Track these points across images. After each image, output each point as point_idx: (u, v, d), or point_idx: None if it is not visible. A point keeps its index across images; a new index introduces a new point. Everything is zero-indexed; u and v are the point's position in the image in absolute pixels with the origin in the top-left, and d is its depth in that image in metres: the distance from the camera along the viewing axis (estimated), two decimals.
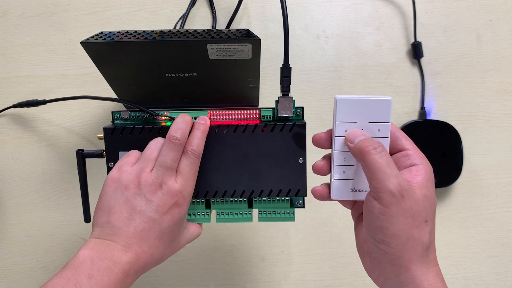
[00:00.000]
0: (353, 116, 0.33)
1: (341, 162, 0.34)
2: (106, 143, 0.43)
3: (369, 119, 0.33)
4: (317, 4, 0.61)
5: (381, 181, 0.30)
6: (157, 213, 0.36)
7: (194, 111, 0.46)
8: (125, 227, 0.35)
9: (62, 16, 0.61)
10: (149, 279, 0.54)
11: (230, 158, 0.42)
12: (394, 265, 0.31)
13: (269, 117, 0.44)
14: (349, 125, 0.34)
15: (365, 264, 0.35)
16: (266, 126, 0.42)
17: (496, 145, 0.58)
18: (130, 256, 0.35)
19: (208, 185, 0.43)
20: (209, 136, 0.42)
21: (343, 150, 0.34)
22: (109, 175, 0.39)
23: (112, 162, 0.43)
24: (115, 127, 0.43)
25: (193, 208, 0.44)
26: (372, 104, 0.33)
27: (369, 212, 0.31)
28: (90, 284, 0.32)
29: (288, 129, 0.42)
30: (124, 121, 0.45)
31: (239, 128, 0.42)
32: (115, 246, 0.34)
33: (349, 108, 0.33)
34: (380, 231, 0.30)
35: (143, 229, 0.35)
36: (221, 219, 0.44)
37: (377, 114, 0.33)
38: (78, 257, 0.34)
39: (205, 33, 0.40)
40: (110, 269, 0.33)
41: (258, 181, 0.43)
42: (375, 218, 0.31)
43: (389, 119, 0.33)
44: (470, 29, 0.60)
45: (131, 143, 0.43)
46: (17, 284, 0.54)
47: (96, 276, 0.32)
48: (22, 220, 0.56)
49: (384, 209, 0.30)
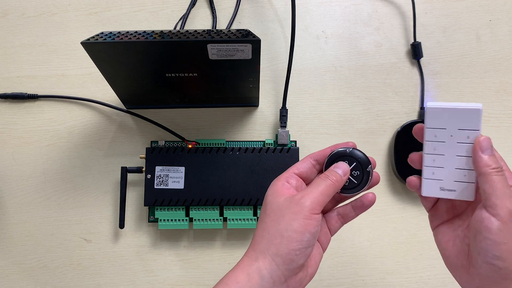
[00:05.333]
0: (442, 123, 0.35)
1: (431, 164, 0.36)
2: (146, 159, 0.53)
3: (458, 126, 0.34)
4: (317, 4, 0.61)
5: (501, 199, 0.31)
6: None
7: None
8: None
9: (62, 17, 0.61)
10: (149, 279, 0.54)
11: (241, 173, 0.53)
12: (506, 279, 0.32)
13: (271, 144, 0.56)
14: (438, 132, 0.35)
15: (459, 276, 0.35)
16: (269, 149, 0.54)
17: (495, 145, 0.57)
18: None
19: (222, 194, 0.53)
20: (226, 156, 0.53)
21: (433, 153, 0.36)
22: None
23: (149, 174, 0.53)
24: (155, 147, 0.54)
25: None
26: (461, 112, 0.34)
27: (485, 227, 0.32)
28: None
29: (285, 151, 0.54)
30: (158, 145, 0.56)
31: (249, 150, 0.54)
32: None
33: (438, 116, 0.35)
34: (497, 247, 0.31)
35: None
36: (232, 224, 0.53)
37: (467, 121, 0.34)
38: None
39: (205, 33, 0.40)
40: None
41: (261, 192, 0.52)
42: (492, 234, 0.31)
43: (478, 127, 0.34)
44: (470, 30, 0.60)
45: (165, 160, 0.53)
46: (18, 284, 0.54)
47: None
48: (22, 220, 0.56)
49: (503, 226, 0.31)
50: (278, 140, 0.56)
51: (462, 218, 0.36)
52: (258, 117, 0.58)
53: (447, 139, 0.35)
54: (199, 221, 0.53)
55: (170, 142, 0.56)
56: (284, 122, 0.56)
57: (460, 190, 0.35)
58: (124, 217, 0.54)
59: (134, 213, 0.56)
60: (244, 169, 0.53)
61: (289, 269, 0.34)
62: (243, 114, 0.58)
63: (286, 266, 0.34)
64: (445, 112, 0.35)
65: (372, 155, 0.58)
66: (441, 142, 0.35)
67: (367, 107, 0.58)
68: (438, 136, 0.35)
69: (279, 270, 0.34)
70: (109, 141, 0.57)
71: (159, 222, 0.53)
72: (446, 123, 0.35)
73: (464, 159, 0.35)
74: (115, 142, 0.57)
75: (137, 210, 0.56)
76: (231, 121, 0.58)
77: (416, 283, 0.54)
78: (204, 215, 0.53)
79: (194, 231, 0.56)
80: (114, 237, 0.55)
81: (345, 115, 0.58)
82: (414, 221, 0.56)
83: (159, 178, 0.53)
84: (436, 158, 0.36)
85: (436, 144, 0.35)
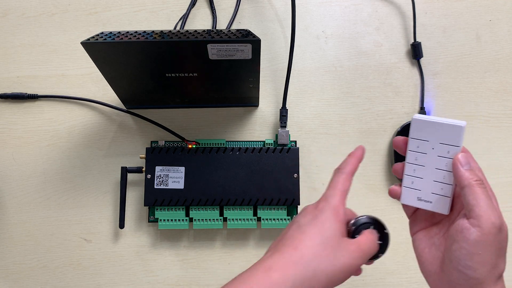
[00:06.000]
0: (426, 135, 0.36)
1: (411, 174, 0.37)
2: (146, 159, 0.53)
3: (440, 140, 0.36)
4: (317, 4, 0.61)
5: (485, 211, 0.32)
6: None
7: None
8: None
9: (62, 17, 0.61)
10: (149, 279, 0.54)
11: (241, 173, 0.53)
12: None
13: (271, 144, 0.56)
14: (421, 143, 0.36)
15: (432, 281, 0.36)
16: (269, 149, 0.54)
17: (495, 145, 0.58)
18: None
19: (222, 194, 0.53)
20: (226, 156, 0.53)
21: (414, 163, 0.37)
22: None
23: (149, 174, 0.53)
24: (155, 147, 0.54)
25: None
26: (444, 127, 0.35)
27: (463, 237, 0.32)
28: None
29: (285, 152, 0.54)
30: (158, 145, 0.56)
31: (249, 150, 0.54)
32: None
33: (422, 128, 0.36)
34: (470, 257, 0.32)
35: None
36: (232, 224, 0.53)
37: (449, 137, 0.35)
38: None
39: (205, 33, 0.40)
40: None
41: (261, 192, 0.53)
42: (468, 244, 0.32)
43: (460, 143, 0.35)
44: (470, 30, 0.60)
45: (165, 160, 0.53)
46: (18, 284, 0.54)
47: None
48: (22, 220, 0.56)
49: (482, 237, 0.32)
50: (278, 140, 0.56)
51: (439, 227, 0.37)
52: (258, 117, 0.58)
53: (428, 151, 0.36)
54: (199, 221, 0.53)
55: (170, 142, 0.56)
56: (284, 122, 0.56)
57: (435, 202, 0.36)
58: (124, 217, 0.54)
59: (134, 213, 0.56)
60: (244, 169, 0.53)
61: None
62: (243, 114, 0.58)
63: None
64: (429, 126, 0.36)
65: (372, 155, 0.58)
66: (422, 154, 0.36)
67: (367, 107, 0.58)
68: (420, 147, 0.36)
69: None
70: (109, 141, 0.57)
71: (159, 222, 0.53)
72: (429, 136, 0.36)
73: (442, 173, 0.36)
74: (115, 142, 0.57)
75: (137, 210, 0.56)
76: (231, 121, 0.58)
77: (416, 283, 0.54)
78: (204, 215, 0.53)
79: (194, 231, 0.56)
80: (114, 237, 0.55)
81: (345, 115, 0.58)
82: None
83: (159, 178, 0.53)
84: (417, 168, 0.37)
85: (418, 154, 0.37)
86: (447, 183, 0.36)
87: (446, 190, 0.36)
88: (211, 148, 0.54)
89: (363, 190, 0.57)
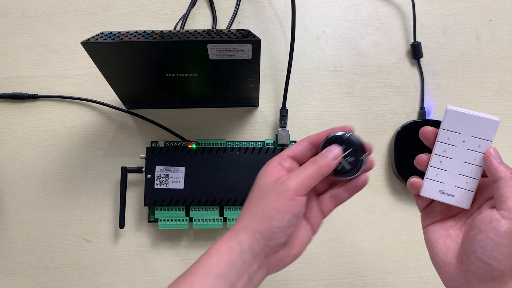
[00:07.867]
0: (458, 127, 0.35)
1: (437, 165, 0.37)
2: (146, 159, 0.53)
3: (473, 134, 0.35)
4: (317, 4, 0.61)
5: None
6: None
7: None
8: None
9: (62, 17, 0.61)
10: (149, 279, 0.54)
11: (241, 173, 0.53)
12: (494, 280, 0.33)
13: (271, 144, 0.56)
14: (452, 135, 0.36)
15: (445, 272, 0.36)
16: (269, 149, 0.54)
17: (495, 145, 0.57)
18: None
19: (222, 194, 0.53)
20: (226, 156, 0.53)
21: (442, 155, 0.36)
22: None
23: (149, 174, 0.53)
24: (155, 147, 0.54)
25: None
26: (479, 121, 0.35)
27: (492, 228, 0.32)
28: None
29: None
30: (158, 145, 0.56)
31: (249, 150, 0.54)
32: None
33: (456, 119, 0.35)
34: (497, 248, 0.32)
35: None
36: (232, 224, 0.51)
37: (482, 131, 0.35)
38: None
39: (205, 33, 0.40)
40: None
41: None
42: (497, 236, 0.32)
43: (492, 138, 0.35)
44: (470, 30, 0.60)
45: (165, 160, 0.53)
46: (18, 283, 0.54)
47: None
48: (22, 219, 0.56)
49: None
50: (278, 140, 0.56)
51: (455, 220, 0.37)
52: (258, 117, 0.58)
53: (458, 144, 0.36)
54: (199, 221, 0.53)
55: (170, 142, 0.56)
56: (284, 122, 0.56)
57: (458, 197, 0.36)
58: (124, 217, 0.54)
59: (134, 213, 0.56)
60: (244, 169, 0.53)
61: (268, 245, 0.35)
62: (243, 114, 0.58)
63: (266, 242, 0.34)
64: (464, 117, 0.35)
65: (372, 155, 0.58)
66: (452, 146, 0.36)
67: (367, 107, 0.58)
68: (451, 139, 0.36)
69: (259, 245, 0.34)
70: (109, 141, 0.57)
71: (159, 222, 0.53)
72: (462, 128, 0.35)
73: (470, 167, 0.35)
74: (115, 142, 0.57)
75: (137, 210, 0.56)
76: (231, 121, 0.58)
77: (416, 283, 0.54)
78: (204, 215, 0.53)
79: (194, 231, 0.56)
80: (114, 237, 0.55)
81: (345, 115, 0.58)
82: (414, 221, 0.56)
83: (159, 178, 0.53)
84: (444, 160, 0.36)
85: (447, 146, 0.36)
86: (473, 177, 0.35)
87: (471, 185, 0.36)
88: (211, 148, 0.54)
89: (363, 190, 0.56)
